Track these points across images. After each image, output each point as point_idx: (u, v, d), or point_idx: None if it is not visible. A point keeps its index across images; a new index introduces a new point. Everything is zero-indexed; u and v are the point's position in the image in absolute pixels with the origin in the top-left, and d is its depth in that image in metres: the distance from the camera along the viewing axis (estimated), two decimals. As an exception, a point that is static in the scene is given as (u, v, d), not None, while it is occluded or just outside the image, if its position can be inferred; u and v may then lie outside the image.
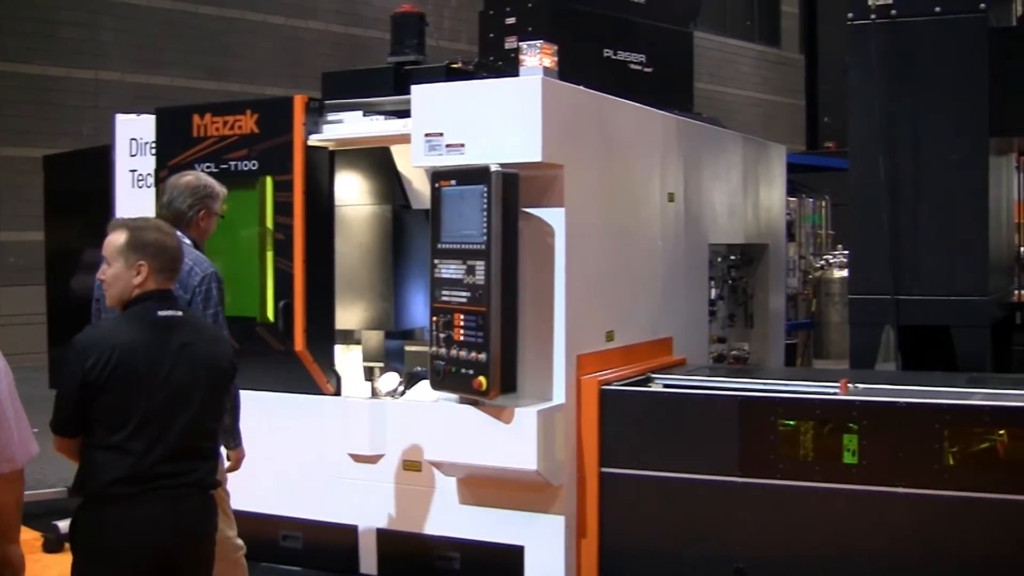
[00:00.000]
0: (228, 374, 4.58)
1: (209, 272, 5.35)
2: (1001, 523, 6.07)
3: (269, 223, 7.06)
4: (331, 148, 7.34)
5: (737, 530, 6.48)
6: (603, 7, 9.03)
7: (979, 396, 6.47)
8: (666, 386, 6.95)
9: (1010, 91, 8.11)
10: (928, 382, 6.93)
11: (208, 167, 7.22)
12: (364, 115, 7.33)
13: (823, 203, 12.98)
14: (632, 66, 9.17)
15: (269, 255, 7.14)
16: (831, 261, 12.33)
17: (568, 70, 6.74)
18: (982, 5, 7.83)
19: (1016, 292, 9.96)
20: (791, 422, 6.48)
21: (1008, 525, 6.07)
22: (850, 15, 8.06)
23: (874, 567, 6.26)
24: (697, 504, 6.54)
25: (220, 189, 5.69)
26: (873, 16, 7.96)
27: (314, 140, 7.20)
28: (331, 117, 7.33)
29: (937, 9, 7.88)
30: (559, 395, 6.49)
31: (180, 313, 4.41)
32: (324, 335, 7.15)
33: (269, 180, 7.19)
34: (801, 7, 25.08)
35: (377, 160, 7.88)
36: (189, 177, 5.66)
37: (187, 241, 5.32)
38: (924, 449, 6.16)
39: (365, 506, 7.03)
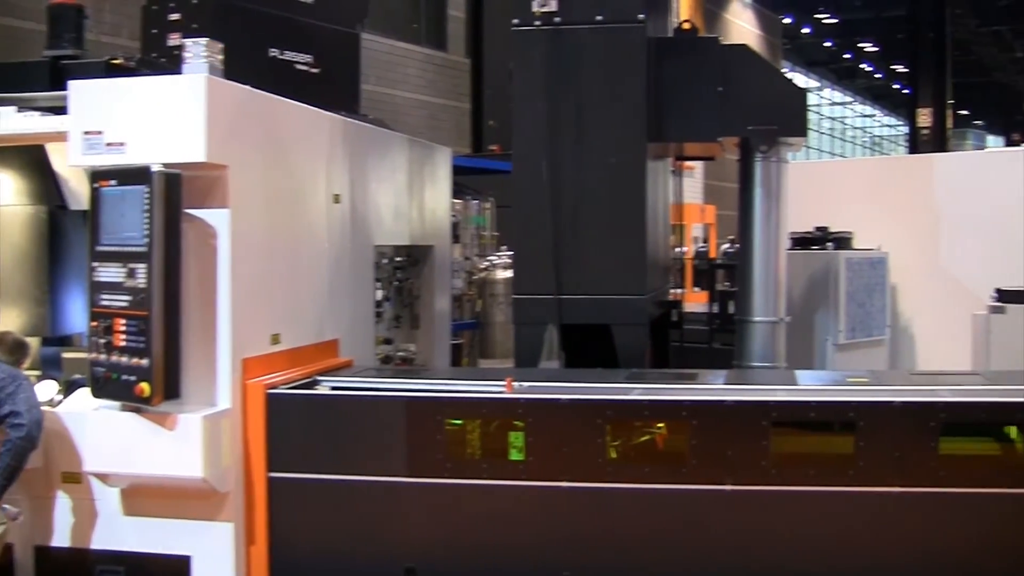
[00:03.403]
0: None
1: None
2: (661, 512, 6.32)
3: (-88, 225, 6.70)
4: (-19, 146, 7.02)
5: (407, 530, 6.54)
6: (269, 6, 8.91)
7: (638, 391, 6.71)
8: (332, 388, 6.93)
9: (666, 98, 8.42)
10: (590, 379, 7.15)
11: None
12: (18, 111, 7.03)
13: (487, 205, 13.17)
14: (298, 66, 9.08)
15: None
16: (495, 262, 12.53)
17: (233, 69, 6.63)
18: (641, 15, 8.10)
19: (672, 291, 10.35)
20: (458, 421, 6.57)
21: (668, 514, 6.32)
22: (515, 21, 8.20)
23: (541, 561, 6.41)
24: (366, 506, 6.56)
25: None
26: (537, 23, 8.13)
27: (-39, 137, 6.87)
28: (-19, 113, 7.01)
29: (599, 18, 8.11)
30: (224, 400, 6.39)
31: None
32: (-26, 342, 6.83)
33: (-89, 179, 6.83)
34: (467, 11, 25.40)
35: (31, 158, 7.57)
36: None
37: None
38: (587, 444, 6.34)
39: (21, 523, 6.73)
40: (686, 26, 9.06)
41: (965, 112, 64.83)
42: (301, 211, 7.36)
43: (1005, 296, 10.12)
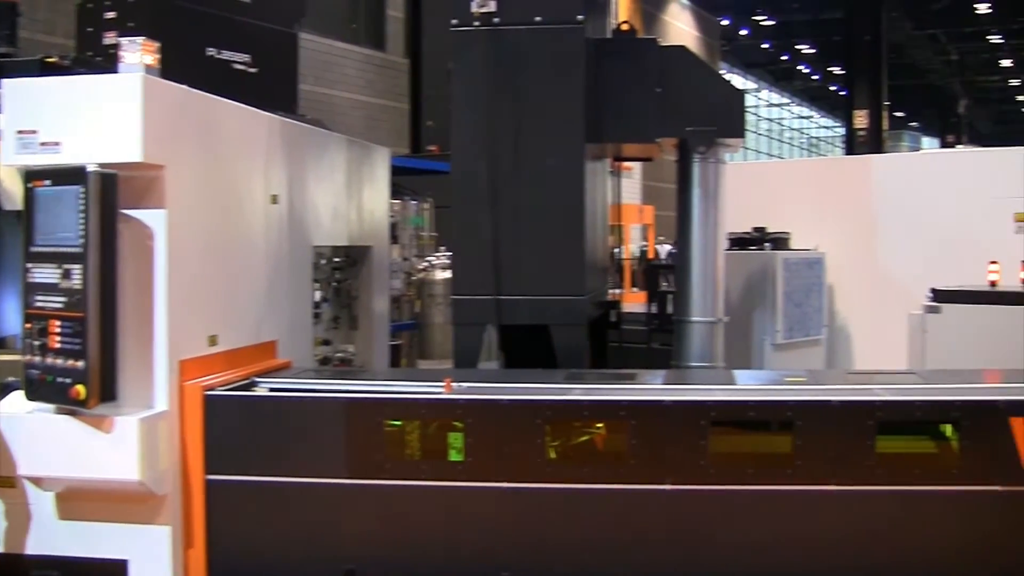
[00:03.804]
0: None
1: None
2: (600, 512, 6.33)
3: None
4: (-89, 145, 6.92)
5: (346, 532, 6.51)
6: (206, 5, 8.86)
7: (577, 392, 6.72)
8: (271, 390, 6.89)
9: (605, 99, 8.44)
10: (529, 379, 7.15)
11: None
12: (-51, 110, 6.94)
13: (426, 206, 13.17)
14: (236, 66, 9.04)
15: None
16: (434, 263, 12.54)
17: (170, 68, 6.58)
18: (580, 16, 8.12)
19: (610, 291, 10.38)
20: (397, 422, 6.56)
21: (607, 514, 6.34)
22: (454, 21, 8.20)
23: (481, 561, 6.41)
24: (306, 508, 6.52)
25: None
26: (476, 23, 8.12)
27: None
28: (-89, 112, 6.90)
29: (538, 18, 8.12)
30: (161, 402, 6.33)
31: None
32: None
33: None
34: (406, 12, 25.37)
35: (-36, 158, 7.47)
36: None
37: None
38: (527, 444, 6.35)
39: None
40: (624, 27, 9.08)
41: (901, 114, 65.59)
42: (239, 212, 7.31)
43: (940, 296, 10.23)
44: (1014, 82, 59.67)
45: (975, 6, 43.13)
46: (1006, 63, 54.52)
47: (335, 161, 9.06)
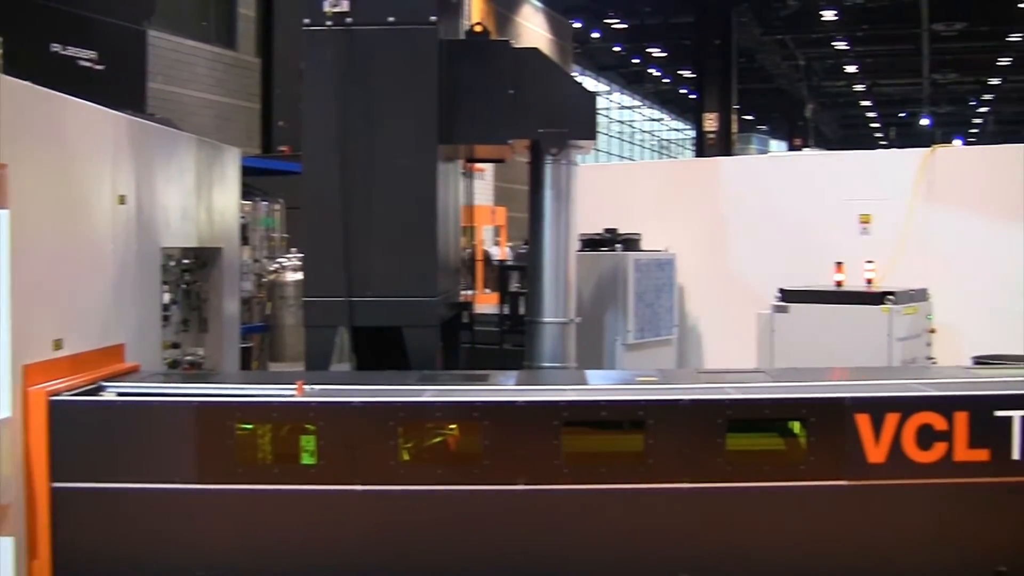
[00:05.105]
0: None
1: None
2: (455, 513, 6.34)
3: None
4: None
5: (199, 538, 6.42)
6: None
7: (430, 393, 6.71)
8: (119, 394, 6.77)
9: (457, 101, 8.45)
10: (381, 381, 7.14)
11: None
12: None
13: (277, 207, 13.03)
14: (82, 63, 8.87)
15: None
16: (285, 264, 12.41)
17: (12, 64, 6.43)
18: (433, 18, 8.11)
19: (463, 292, 10.39)
20: (248, 426, 6.48)
21: (461, 514, 6.34)
22: (306, 20, 8.14)
23: (336, 565, 6.37)
24: (157, 515, 6.42)
25: None
26: (328, 23, 8.08)
27: None
28: None
29: (390, 19, 8.10)
30: (4, 409, 6.16)
31: None
32: None
33: None
34: (258, 10, 25.08)
35: None
36: None
37: None
38: (380, 447, 6.33)
39: None
40: (477, 29, 9.10)
41: (750, 117, 66.68)
42: (85, 212, 7.16)
43: (788, 296, 10.46)
44: (858, 88, 61.02)
45: (821, 13, 43.98)
46: (851, 69, 55.69)
47: (184, 161, 8.93)
